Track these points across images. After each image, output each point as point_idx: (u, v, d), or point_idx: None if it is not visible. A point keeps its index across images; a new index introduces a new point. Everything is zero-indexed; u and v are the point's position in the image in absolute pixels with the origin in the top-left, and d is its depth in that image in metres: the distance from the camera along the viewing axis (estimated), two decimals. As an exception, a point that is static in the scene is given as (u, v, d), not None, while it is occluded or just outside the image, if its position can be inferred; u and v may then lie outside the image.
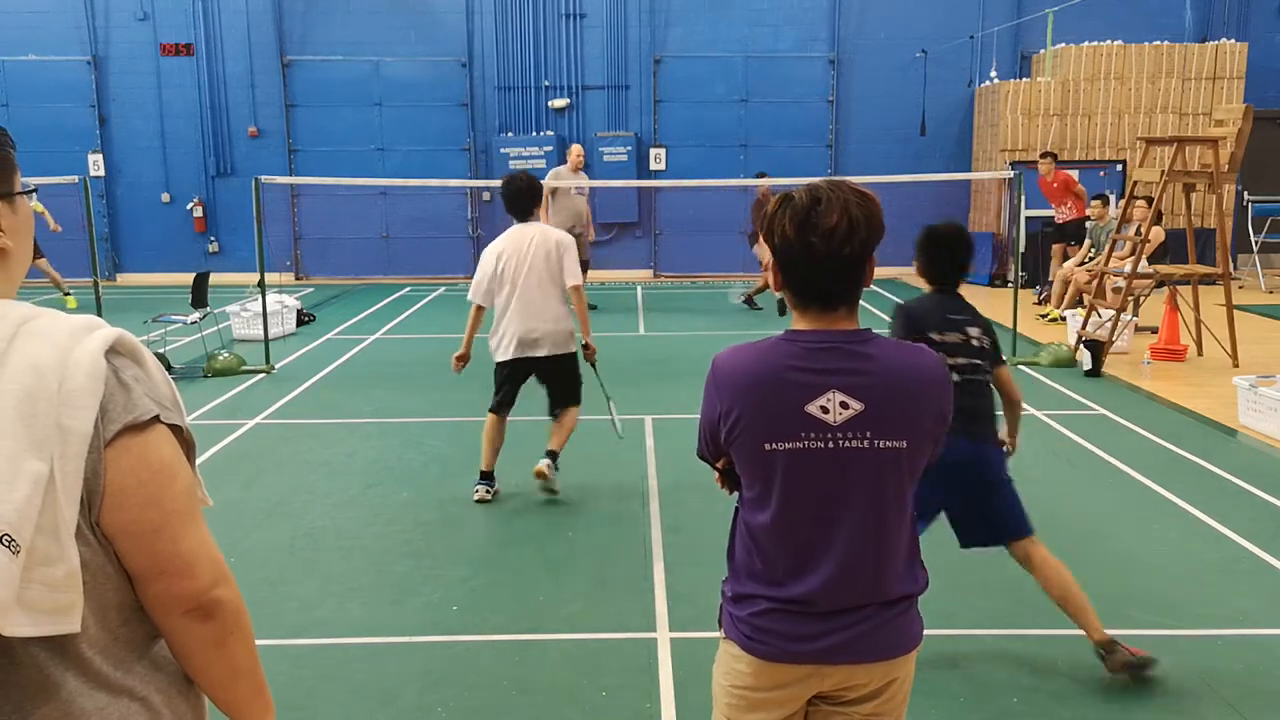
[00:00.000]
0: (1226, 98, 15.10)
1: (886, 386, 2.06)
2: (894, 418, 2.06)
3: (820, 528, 2.11)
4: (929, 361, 2.15)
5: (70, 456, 1.30)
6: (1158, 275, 9.95)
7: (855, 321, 2.13)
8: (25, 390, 1.29)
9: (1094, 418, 7.73)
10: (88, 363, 1.33)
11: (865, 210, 2.04)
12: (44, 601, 1.28)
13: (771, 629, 2.15)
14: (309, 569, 5.07)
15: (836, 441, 2.06)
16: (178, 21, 16.34)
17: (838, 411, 2.05)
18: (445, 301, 14.68)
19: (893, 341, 2.18)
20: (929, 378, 2.12)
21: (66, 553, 1.30)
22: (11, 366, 1.30)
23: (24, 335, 1.33)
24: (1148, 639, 4.26)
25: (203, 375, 9.32)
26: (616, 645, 4.24)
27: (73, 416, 1.31)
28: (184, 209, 16.82)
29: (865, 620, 2.13)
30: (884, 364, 2.08)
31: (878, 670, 2.16)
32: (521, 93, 16.71)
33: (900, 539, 2.16)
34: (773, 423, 2.07)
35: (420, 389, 8.98)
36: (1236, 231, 14.94)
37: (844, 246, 2.03)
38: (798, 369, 2.07)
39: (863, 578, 2.12)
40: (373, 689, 3.93)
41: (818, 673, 2.16)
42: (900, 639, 2.18)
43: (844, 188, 2.06)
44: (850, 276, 2.07)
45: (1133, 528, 5.53)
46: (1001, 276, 14.99)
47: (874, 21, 16.62)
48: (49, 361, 1.31)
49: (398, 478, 6.47)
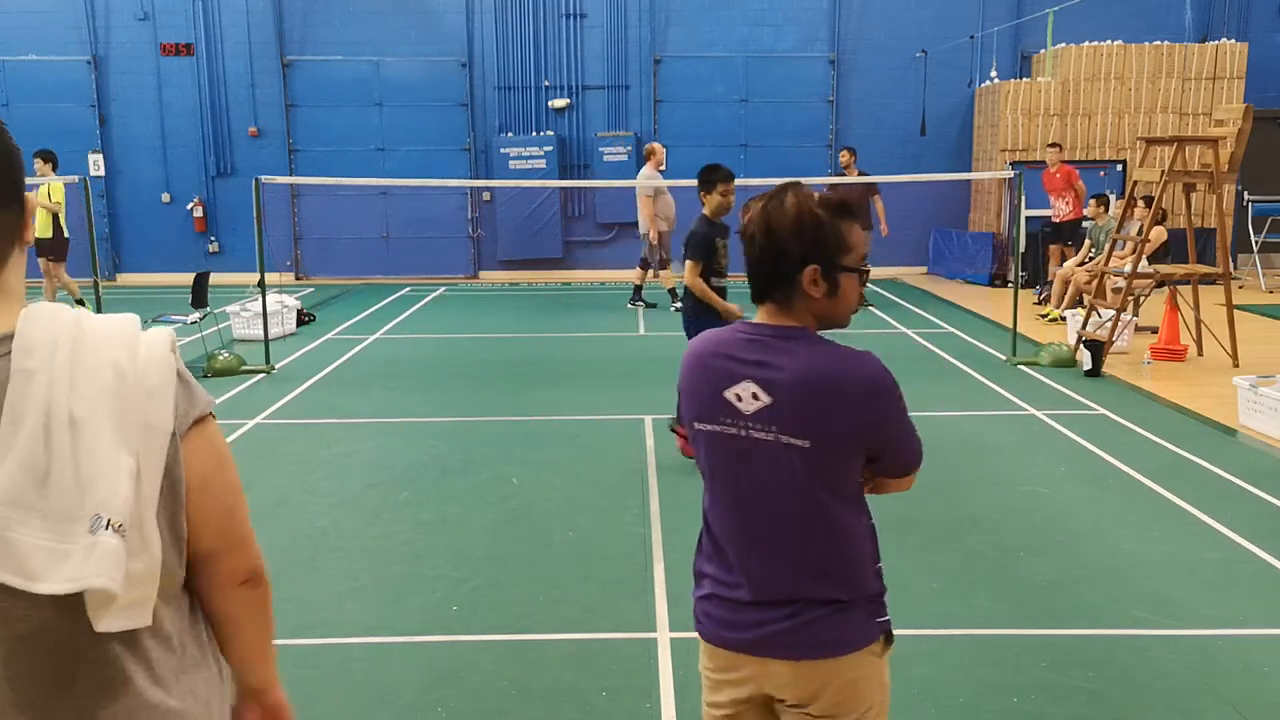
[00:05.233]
0: (1226, 98, 15.10)
1: (795, 385, 2.10)
2: (798, 417, 2.10)
3: (744, 517, 2.19)
4: (859, 371, 2.12)
5: (153, 452, 1.36)
6: (1158, 275, 9.95)
7: (791, 318, 2.17)
8: (111, 389, 1.33)
9: (1094, 418, 7.73)
10: (159, 361, 1.40)
11: (778, 218, 2.14)
12: (125, 595, 1.32)
13: (711, 612, 2.25)
14: (309, 569, 5.07)
15: (747, 430, 2.14)
16: (178, 21, 16.34)
17: (749, 401, 2.13)
18: (445, 301, 14.68)
19: (828, 346, 2.16)
20: (851, 386, 2.11)
21: (150, 545, 1.35)
22: (92, 366, 1.33)
23: (86, 335, 1.36)
24: (1148, 639, 4.26)
25: (203, 375, 9.32)
26: (616, 645, 4.24)
27: (155, 414, 1.37)
28: (184, 209, 16.82)
29: (792, 617, 2.15)
30: (800, 364, 2.11)
31: (804, 670, 2.16)
32: (521, 93, 16.71)
33: (828, 540, 2.16)
34: (700, 403, 2.20)
35: (420, 389, 8.98)
36: (1236, 231, 14.95)
37: (752, 247, 2.17)
38: (727, 355, 2.18)
39: (785, 573, 2.16)
40: (373, 689, 3.93)
41: (760, 666, 2.19)
42: (823, 642, 2.15)
43: (785, 194, 2.16)
44: (763, 275, 2.17)
45: (1133, 528, 5.52)
46: (1001, 276, 14.99)
47: (874, 21, 16.62)
48: (125, 362, 1.36)
49: (398, 478, 6.47)
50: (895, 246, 16.42)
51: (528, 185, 15.12)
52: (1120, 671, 3.99)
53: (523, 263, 16.68)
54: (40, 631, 1.31)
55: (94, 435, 1.29)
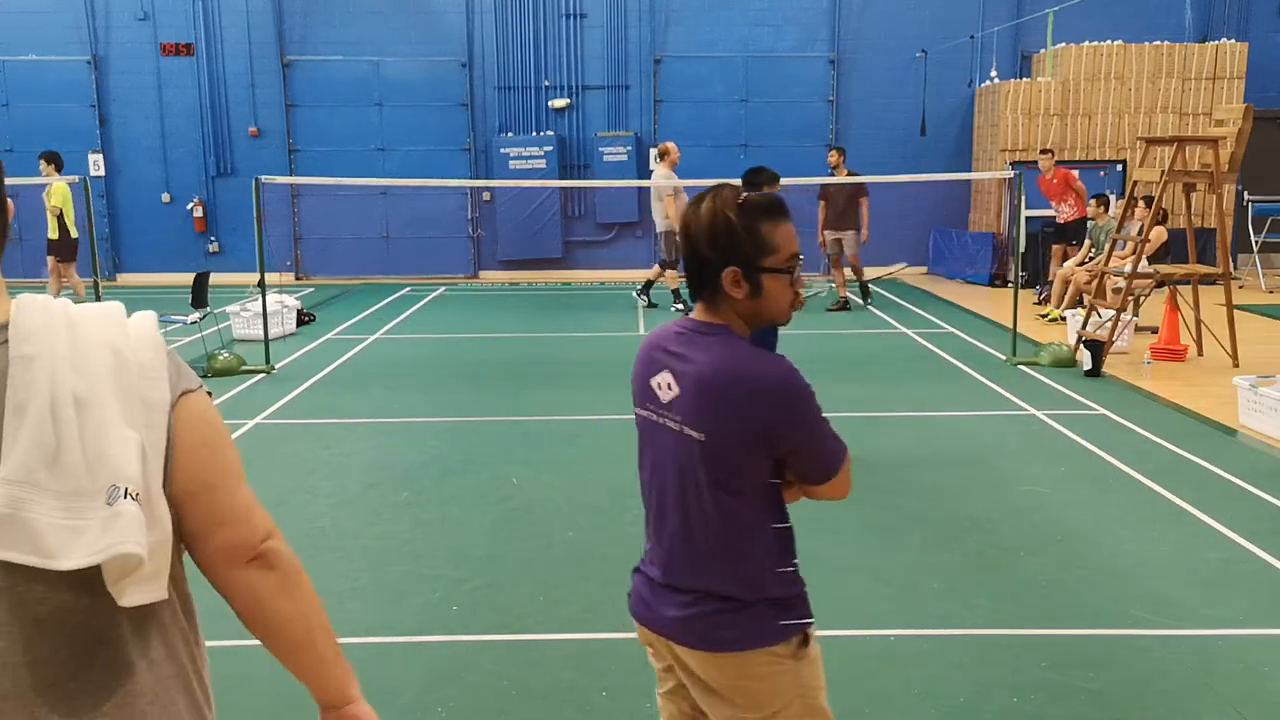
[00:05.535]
0: (1226, 98, 15.10)
1: (695, 380, 2.17)
2: (697, 411, 2.18)
3: (660, 500, 2.31)
4: (755, 372, 2.14)
5: (155, 426, 1.38)
6: (1158, 275, 9.96)
7: (718, 316, 2.23)
8: (111, 368, 1.35)
9: (1094, 418, 7.73)
10: (149, 338, 1.42)
11: (695, 223, 2.20)
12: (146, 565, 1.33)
13: (636, 588, 2.39)
14: (309, 569, 5.01)
15: (662, 418, 2.26)
16: (178, 21, 16.34)
17: (666, 391, 2.24)
18: (445, 301, 14.68)
19: (736, 347, 2.18)
20: (745, 386, 2.13)
21: (161, 519, 1.36)
22: (90, 348, 1.35)
23: (79, 321, 1.38)
24: (1148, 639, 4.27)
25: (203, 375, 9.31)
26: (616, 645, 4.23)
27: (153, 388, 1.39)
28: (184, 209, 16.82)
29: (691, 605, 2.22)
30: (705, 360, 2.18)
31: (705, 661, 2.22)
32: (521, 93, 16.71)
33: (725, 537, 2.19)
34: (636, 388, 2.34)
35: (420, 389, 8.98)
36: (1236, 231, 14.95)
37: (685, 244, 2.25)
38: (660, 347, 2.29)
39: (688, 561, 2.24)
40: (373, 689, 3.91)
41: (669, 648, 2.27)
42: (719, 638, 2.19)
43: (705, 198, 2.21)
44: (690, 275, 2.25)
45: (1133, 528, 5.52)
46: (1001, 276, 14.99)
47: (874, 21, 16.62)
48: (118, 341, 1.38)
49: (398, 478, 6.47)
50: (895, 246, 16.47)
51: (528, 185, 15.12)
52: (1120, 671, 3.99)
53: (523, 263, 16.69)
54: (59, 613, 1.31)
55: (100, 413, 1.31)
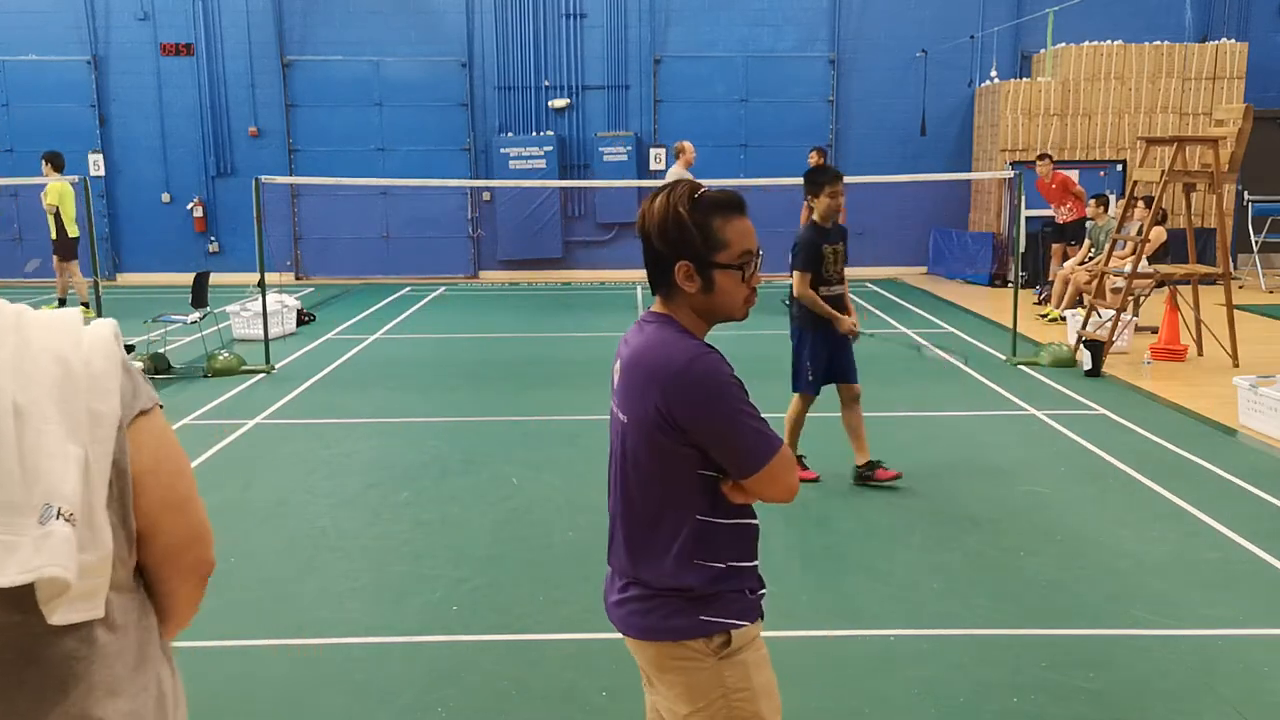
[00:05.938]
0: (1226, 98, 15.10)
1: (627, 365, 2.25)
2: (624, 394, 2.25)
3: (610, 486, 2.34)
4: (671, 357, 2.16)
5: (101, 440, 1.33)
6: (1158, 275, 9.96)
7: (671, 309, 2.26)
8: (55, 379, 1.31)
9: (1094, 418, 7.73)
10: (103, 348, 1.37)
11: (648, 218, 2.22)
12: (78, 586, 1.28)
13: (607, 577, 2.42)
14: (309, 569, 5.07)
15: (612, 404, 2.33)
16: (178, 21, 16.34)
17: (615, 378, 2.32)
18: (445, 301, 14.68)
19: (665, 334, 2.21)
20: (659, 370, 2.16)
21: (100, 536, 1.31)
22: (35, 356, 1.31)
23: (28, 326, 1.34)
24: (1148, 639, 4.27)
25: (203, 375, 9.32)
26: (616, 645, 4.22)
27: (101, 400, 1.34)
28: (184, 209, 16.82)
29: (623, 591, 2.29)
30: (635, 346, 2.25)
31: (637, 649, 2.31)
32: (521, 93, 16.71)
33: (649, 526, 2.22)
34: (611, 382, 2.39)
35: (420, 389, 8.98)
36: (1236, 231, 14.95)
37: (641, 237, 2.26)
38: (624, 338, 2.35)
39: (619, 547, 2.30)
40: (373, 689, 3.93)
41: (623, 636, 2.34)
42: (641, 626, 2.26)
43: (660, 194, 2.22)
44: (647, 269, 2.27)
45: (1133, 528, 5.52)
46: (1001, 276, 14.99)
47: (874, 21, 16.62)
48: (69, 351, 1.33)
49: (398, 478, 6.47)
50: (895, 246, 16.47)
51: (528, 185, 15.12)
52: (1120, 671, 3.99)
53: (523, 263, 16.69)
54: None
55: (39, 426, 1.26)
